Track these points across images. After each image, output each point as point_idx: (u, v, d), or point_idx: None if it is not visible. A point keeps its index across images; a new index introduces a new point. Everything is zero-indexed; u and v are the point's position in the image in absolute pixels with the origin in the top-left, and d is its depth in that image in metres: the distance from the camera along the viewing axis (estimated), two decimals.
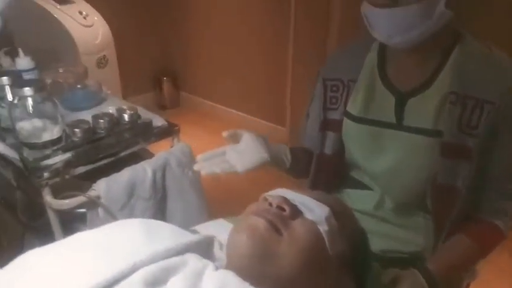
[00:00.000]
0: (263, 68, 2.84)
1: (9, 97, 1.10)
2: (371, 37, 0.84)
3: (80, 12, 2.32)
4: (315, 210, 0.63)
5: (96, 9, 2.42)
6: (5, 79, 1.09)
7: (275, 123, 2.92)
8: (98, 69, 2.41)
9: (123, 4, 2.88)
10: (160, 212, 1.23)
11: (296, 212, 0.62)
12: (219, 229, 0.87)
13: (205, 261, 0.62)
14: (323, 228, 0.61)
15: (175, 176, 1.24)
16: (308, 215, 0.63)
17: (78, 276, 0.55)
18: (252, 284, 0.54)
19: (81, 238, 0.68)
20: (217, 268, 0.59)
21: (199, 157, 0.83)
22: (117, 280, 0.54)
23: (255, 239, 0.58)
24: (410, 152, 0.85)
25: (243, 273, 0.56)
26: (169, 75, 3.32)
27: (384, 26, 0.78)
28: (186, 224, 1.31)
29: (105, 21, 2.44)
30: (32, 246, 1.29)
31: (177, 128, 1.30)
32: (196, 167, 0.81)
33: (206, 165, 0.81)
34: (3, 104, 1.12)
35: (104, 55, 2.45)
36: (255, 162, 0.83)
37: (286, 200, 0.63)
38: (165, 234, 0.70)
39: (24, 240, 1.25)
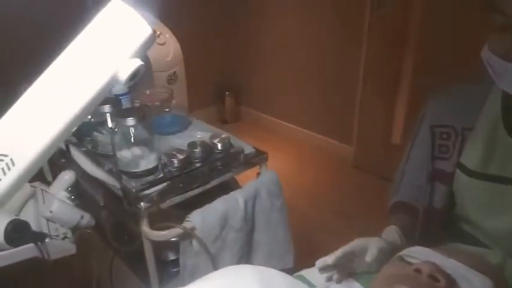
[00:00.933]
0: (329, 85, 2.77)
1: (109, 124, 1.11)
2: (489, 77, 0.73)
3: (154, 31, 2.37)
4: (473, 281, 0.56)
5: (168, 27, 2.47)
6: (106, 107, 1.11)
7: (340, 141, 2.84)
8: (168, 85, 2.45)
9: (192, 23, 2.93)
10: (247, 244, 1.20)
11: (452, 284, 0.55)
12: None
13: None
14: None
15: (265, 206, 1.20)
16: (465, 287, 0.55)
17: None
18: None
19: None
20: None
21: (318, 265, 0.76)
22: None
23: None
24: None
25: None
26: (232, 90, 3.34)
27: None
28: (271, 257, 1.27)
29: (176, 39, 2.49)
30: (120, 271, 1.30)
31: (265, 155, 1.26)
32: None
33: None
34: (103, 131, 1.13)
35: (175, 71, 2.50)
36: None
37: (438, 267, 0.56)
38: (279, 285, 0.66)
39: (112, 264, 1.26)
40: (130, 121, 1.01)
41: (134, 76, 0.56)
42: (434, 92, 0.91)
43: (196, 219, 1.06)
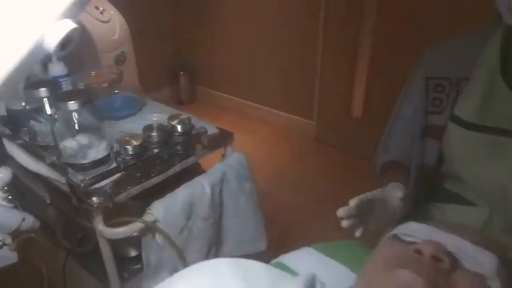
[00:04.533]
0: (288, 60, 2.69)
1: (48, 111, 0.96)
2: (487, 29, 0.72)
3: (97, 7, 2.16)
4: (478, 259, 0.50)
5: (112, 4, 2.26)
6: (43, 91, 0.95)
7: (300, 116, 2.78)
8: (116, 66, 2.26)
9: None
10: (216, 231, 1.11)
11: (456, 263, 0.49)
12: (312, 262, 0.75)
13: None
14: (495, 284, 0.48)
15: (233, 190, 1.11)
16: (469, 266, 0.50)
17: None
18: None
19: None
20: None
21: (340, 214, 0.70)
22: None
23: None
24: None
25: None
26: (186, 69, 3.17)
27: None
28: (243, 243, 1.19)
29: (122, 16, 2.29)
30: (75, 273, 1.16)
31: (231, 135, 1.17)
32: (344, 225, 0.71)
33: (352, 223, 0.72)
34: (41, 119, 0.98)
35: (122, 51, 2.30)
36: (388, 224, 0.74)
37: (441, 247, 0.50)
38: (262, 279, 0.58)
39: (65, 266, 1.12)
40: (73, 105, 0.87)
41: (66, 44, 0.44)
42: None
43: (158, 211, 0.95)
